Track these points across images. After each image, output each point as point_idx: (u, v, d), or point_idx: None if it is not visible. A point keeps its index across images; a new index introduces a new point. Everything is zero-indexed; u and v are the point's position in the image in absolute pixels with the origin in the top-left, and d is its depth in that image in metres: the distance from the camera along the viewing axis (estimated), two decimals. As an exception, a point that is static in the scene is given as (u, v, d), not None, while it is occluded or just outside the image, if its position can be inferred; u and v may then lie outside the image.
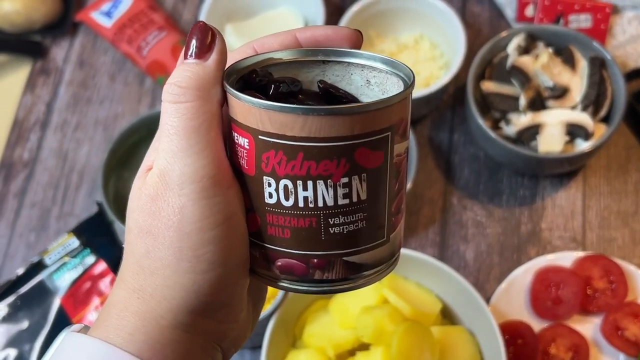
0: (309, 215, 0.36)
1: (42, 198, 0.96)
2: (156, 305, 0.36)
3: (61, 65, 1.05)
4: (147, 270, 0.35)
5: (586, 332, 0.82)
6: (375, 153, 0.35)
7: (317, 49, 0.38)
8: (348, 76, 0.39)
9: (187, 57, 0.36)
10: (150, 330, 0.36)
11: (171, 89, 0.35)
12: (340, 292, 0.38)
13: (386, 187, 0.36)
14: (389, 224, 0.37)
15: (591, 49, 0.89)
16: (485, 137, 0.86)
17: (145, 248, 0.35)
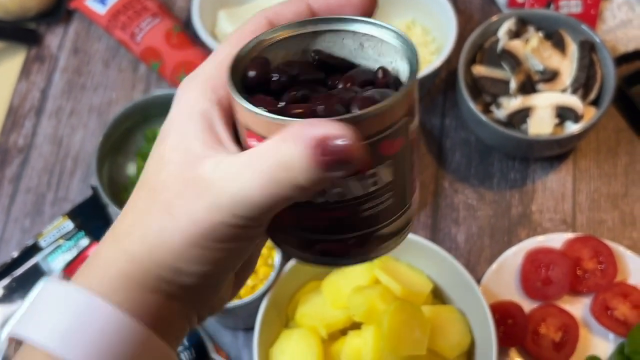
0: (342, 207, 0.36)
1: (36, 183, 0.96)
2: (144, 271, 0.35)
3: (56, 52, 1.05)
4: (156, 234, 0.35)
5: (576, 312, 0.83)
6: (396, 140, 0.35)
7: (306, 20, 0.39)
8: (340, 41, 0.39)
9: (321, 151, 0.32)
10: (133, 289, 0.35)
11: (314, 145, 0.32)
12: (375, 259, 0.40)
13: (407, 163, 0.37)
14: (410, 190, 0.39)
15: (581, 33, 0.89)
16: (477, 121, 0.87)
17: (159, 213, 0.35)
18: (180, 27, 0.99)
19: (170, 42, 0.97)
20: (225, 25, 0.96)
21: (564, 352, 0.81)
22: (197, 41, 0.98)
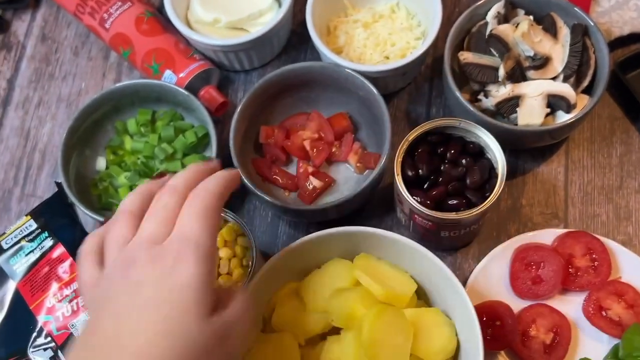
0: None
1: (2, 178, 0.92)
2: None
3: (22, 39, 1.00)
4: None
5: (568, 312, 0.79)
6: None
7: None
8: None
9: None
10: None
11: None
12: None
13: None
14: None
15: (573, 16, 0.84)
16: (463, 110, 0.82)
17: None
18: (151, 13, 0.94)
19: (141, 28, 0.91)
20: (198, 10, 0.91)
21: (555, 355, 0.77)
22: (169, 28, 0.93)
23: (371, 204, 0.87)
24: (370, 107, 0.85)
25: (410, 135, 0.77)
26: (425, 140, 0.78)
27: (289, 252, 0.74)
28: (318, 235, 0.74)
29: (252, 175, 0.84)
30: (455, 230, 0.77)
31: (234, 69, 0.95)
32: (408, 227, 0.81)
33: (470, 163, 0.77)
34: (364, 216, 0.86)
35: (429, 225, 0.76)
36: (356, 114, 0.89)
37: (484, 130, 0.76)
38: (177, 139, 0.86)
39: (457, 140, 0.78)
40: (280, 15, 0.88)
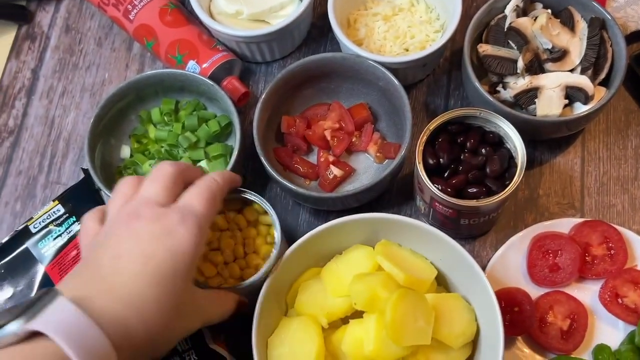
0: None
1: (28, 166, 0.93)
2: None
3: (47, 30, 1.02)
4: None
5: (584, 299, 0.81)
6: None
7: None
8: None
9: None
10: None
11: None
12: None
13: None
14: None
15: (591, 10, 0.86)
16: (482, 101, 0.83)
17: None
18: (175, 4, 0.95)
19: (165, 19, 0.93)
20: (221, 3, 0.93)
21: (572, 341, 0.78)
22: (192, 19, 0.94)
23: (390, 193, 0.88)
24: (391, 97, 0.86)
25: (431, 124, 0.78)
26: (445, 130, 0.80)
27: (311, 238, 0.76)
28: (340, 222, 0.76)
29: (273, 164, 0.86)
30: (474, 218, 0.79)
31: (255, 60, 0.97)
32: (427, 215, 0.83)
33: (490, 152, 0.78)
34: (383, 205, 0.88)
35: (450, 212, 0.77)
36: (376, 105, 0.90)
37: (504, 120, 0.77)
38: (200, 128, 0.87)
39: (477, 130, 0.79)
40: (301, 9, 0.90)
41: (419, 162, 0.77)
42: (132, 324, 0.54)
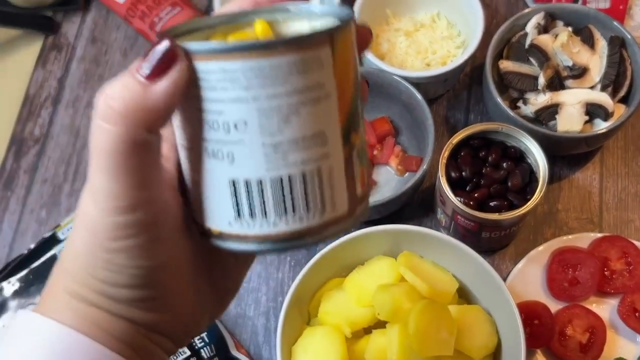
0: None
1: (53, 174, 0.95)
2: (74, 284, 0.36)
3: (73, 41, 1.04)
4: (69, 254, 0.36)
5: (603, 313, 0.82)
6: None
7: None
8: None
9: (137, 70, 0.33)
10: (69, 302, 0.36)
11: (104, 104, 0.32)
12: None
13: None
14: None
15: (611, 28, 0.87)
16: (503, 116, 0.85)
17: (72, 236, 0.36)
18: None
19: (191, 32, 0.95)
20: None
21: (590, 354, 0.79)
22: (218, 32, 0.96)
23: (411, 205, 0.90)
24: (412, 111, 0.88)
25: (454, 138, 0.80)
26: (467, 144, 0.81)
27: (334, 248, 0.77)
28: (363, 233, 0.77)
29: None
30: (495, 231, 0.80)
31: (278, 73, 0.98)
32: (448, 228, 0.84)
33: (512, 167, 0.79)
34: (404, 217, 0.89)
35: (471, 225, 0.79)
36: (397, 118, 0.92)
37: (525, 135, 0.78)
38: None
39: (498, 145, 0.81)
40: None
41: (442, 175, 0.78)
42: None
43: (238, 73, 0.33)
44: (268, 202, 0.35)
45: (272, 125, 0.34)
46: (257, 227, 0.36)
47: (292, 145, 0.34)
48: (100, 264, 0.35)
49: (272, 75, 0.33)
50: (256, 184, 0.35)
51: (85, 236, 0.35)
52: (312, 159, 0.35)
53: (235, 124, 0.34)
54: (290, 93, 0.33)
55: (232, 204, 0.35)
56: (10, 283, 0.79)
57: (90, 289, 0.36)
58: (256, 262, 0.87)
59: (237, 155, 0.34)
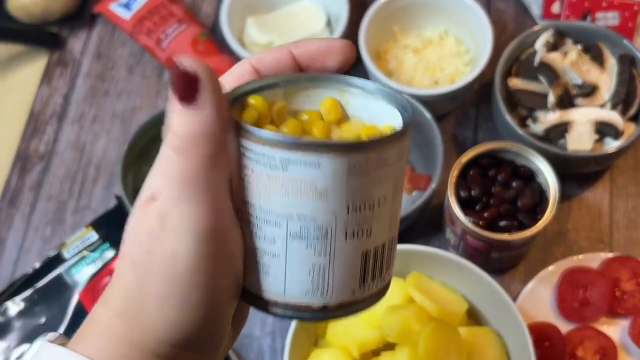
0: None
1: (58, 191, 0.94)
2: (141, 334, 0.35)
3: (78, 57, 1.03)
4: (135, 299, 0.35)
5: (614, 334, 0.81)
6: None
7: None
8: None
9: (179, 100, 0.34)
10: (133, 356, 0.35)
11: (170, 137, 0.34)
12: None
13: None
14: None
15: (620, 46, 0.87)
16: (512, 134, 0.84)
17: (135, 278, 0.34)
18: (207, 34, 0.97)
19: (197, 49, 0.94)
20: (253, 33, 0.94)
21: (602, 377, 0.78)
22: (224, 48, 0.96)
23: (418, 223, 0.89)
24: (421, 129, 0.87)
25: (462, 157, 0.79)
26: (476, 163, 0.80)
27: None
28: (372, 253, 0.76)
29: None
30: (505, 251, 0.79)
31: (285, 90, 0.98)
32: (457, 247, 0.83)
33: (521, 186, 0.79)
34: (412, 236, 0.88)
35: (481, 245, 0.78)
36: (405, 136, 0.91)
37: (536, 154, 0.78)
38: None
39: (508, 164, 0.80)
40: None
41: (452, 194, 0.77)
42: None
43: (391, 157, 0.35)
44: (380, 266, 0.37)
45: (400, 195, 0.37)
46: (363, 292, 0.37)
47: (396, 214, 0.37)
48: (173, 304, 0.34)
49: (399, 154, 0.36)
50: (379, 250, 0.37)
51: (153, 273, 0.34)
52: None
53: (377, 200, 0.35)
54: (399, 167, 0.36)
55: (359, 274, 0.36)
56: (14, 303, 0.79)
57: (153, 338, 0.35)
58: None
59: (375, 228, 0.36)
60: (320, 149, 0.33)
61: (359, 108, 0.38)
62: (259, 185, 0.35)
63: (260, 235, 0.35)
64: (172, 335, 0.35)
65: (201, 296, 0.34)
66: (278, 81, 0.37)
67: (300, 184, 0.34)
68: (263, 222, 0.35)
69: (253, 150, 0.34)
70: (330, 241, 0.35)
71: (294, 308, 0.36)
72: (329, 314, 0.37)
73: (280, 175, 0.34)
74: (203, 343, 0.36)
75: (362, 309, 0.38)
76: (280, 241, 0.35)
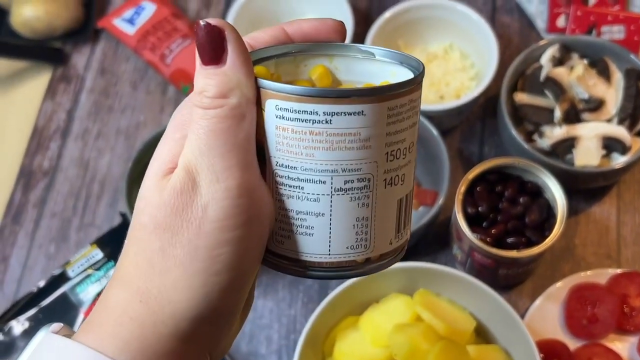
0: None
1: (62, 208, 0.94)
2: (159, 310, 0.34)
3: (82, 72, 1.03)
4: (157, 268, 0.34)
5: (623, 351, 0.80)
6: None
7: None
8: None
9: (204, 62, 0.35)
10: (147, 338, 0.34)
11: (199, 97, 0.35)
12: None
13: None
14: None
15: (627, 61, 0.87)
16: (519, 150, 0.84)
17: (160, 244, 0.34)
18: (211, 49, 0.96)
19: (202, 64, 0.94)
20: (258, 48, 0.94)
21: (611, 394, 0.77)
22: (229, 64, 0.95)
23: (425, 240, 0.88)
24: (427, 145, 0.86)
25: (469, 173, 0.78)
26: (483, 179, 0.80)
27: (348, 286, 0.76)
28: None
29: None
30: (513, 268, 0.78)
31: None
32: (464, 264, 0.83)
33: (529, 202, 0.78)
34: (419, 252, 0.88)
35: (489, 262, 0.77)
36: (411, 152, 0.90)
37: (543, 170, 0.77)
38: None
39: (515, 180, 0.79)
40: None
41: (459, 211, 0.77)
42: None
43: (417, 102, 0.37)
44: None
45: (415, 143, 0.38)
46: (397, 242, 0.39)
47: (415, 164, 0.39)
48: (198, 266, 0.34)
49: (415, 105, 0.37)
50: (409, 198, 0.38)
51: (181, 233, 0.34)
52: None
53: (408, 146, 0.36)
54: (418, 117, 0.38)
55: (395, 222, 0.38)
56: (19, 322, 0.78)
57: (170, 320, 0.35)
58: (268, 298, 0.85)
59: (406, 176, 0.37)
60: (364, 96, 0.34)
61: (349, 72, 0.39)
62: (300, 145, 0.35)
63: (302, 196, 0.36)
64: (193, 305, 0.34)
65: (228, 257, 0.34)
66: (270, 54, 0.38)
67: (345, 136, 0.34)
68: (306, 182, 0.35)
69: (291, 109, 0.34)
70: (372, 191, 0.36)
71: (338, 266, 0.37)
72: (371, 267, 0.38)
73: (325, 130, 0.34)
74: (221, 315, 0.36)
75: (394, 261, 0.39)
76: (324, 199, 0.35)
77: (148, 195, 0.36)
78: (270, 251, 0.38)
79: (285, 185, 0.36)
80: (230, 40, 0.35)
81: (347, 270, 0.37)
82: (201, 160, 0.34)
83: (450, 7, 0.93)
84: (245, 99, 0.35)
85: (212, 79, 0.35)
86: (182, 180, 0.34)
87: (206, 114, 0.34)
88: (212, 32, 0.34)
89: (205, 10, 1.06)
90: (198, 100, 0.35)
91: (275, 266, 0.38)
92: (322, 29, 0.39)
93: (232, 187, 0.34)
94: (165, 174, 0.36)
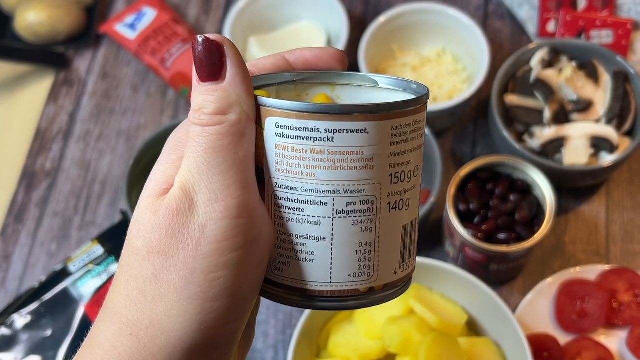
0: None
1: (64, 207, 0.96)
2: (150, 342, 0.33)
3: (84, 76, 1.05)
4: (149, 296, 0.33)
5: (612, 345, 0.82)
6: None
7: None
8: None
9: (202, 79, 0.34)
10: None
11: (197, 115, 0.34)
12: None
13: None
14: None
15: (614, 63, 0.89)
16: (510, 149, 0.86)
17: (153, 270, 0.33)
18: (210, 53, 0.99)
19: (201, 67, 0.96)
20: (256, 52, 0.96)
21: (600, 387, 0.79)
22: (228, 67, 0.97)
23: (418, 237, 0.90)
24: (420, 145, 0.88)
25: (461, 170, 0.81)
26: (474, 177, 0.82)
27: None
28: (372, 266, 0.78)
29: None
30: (504, 263, 0.80)
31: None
32: (456, 260, 0.85)
33: (519, 199, 0.80)
34: (412, 250, 0.89)
35: (480, 258, 0.79)
36: (405, 152, 0.93)
37: (532, 167, 0.79)
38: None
39: (505, 178, 0.82)
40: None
41: (451, 207, 0.79)
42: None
43: (422, 124, 0.36)
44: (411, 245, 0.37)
45: (421, 168, 0.37)
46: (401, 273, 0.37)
47: (420, 190, 0.37)
48: (193, 291, 0.32)
49: (424, 122, 0.36)
50: (413, 225, 0.37)
51: (176, 256, 0.33)
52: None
53: (413, 170, 0.35)
54: (423, 140, 0.37)
55: (400, 250, 0.36)
56: (21, 315, 0.80)
57: (162, 345, 0.33)
58: (265, 294, 0.87)
59: (411, 201, 0.36)
60: (367, 113, 0.33)
61: (352, 101, 0.39)
62: (301, 164, 0.34)
63: (303, 219, 0.34)
64: (187, 334, 0.33)
65: (226, 281, 0.33)
66: (272, 81, 0.38)
67: (347, 154, 0.33)
68: (307, 204, 0.34)
69: (292, 126, 0.33)
70: (375, 215, 0.34)
71: (340, 295, 0.35)
72: (375, 298, 0.36)
73: (326, 148, 0.33)
74: (217, 347, 0.34)
75: (400, 292, 0.37)
76: (325, 222, 0.34)
77: (142, 217, 0.34)
78: (268, 280, 0.36)
79: (285, 208, 0.34)
80: (229, 56, 0.34)
81: (350, 300, 0.35)
82: (199, 178, 0.33)
83: (443, 12, 0.96)
84: (246, 116, 0.33)
85: (211, 95, 0.33)
86: (178, 200, 0.33)
87: (204, 132, 0.33)
88: (211, 47, 0.33)
89: (204, 16, 1.08)
90: (196, 117, 0.33)
91: (274, 297, 0.36)
92: (324, 57, 0.38)
93: (232, 206, 0.33)
94: (160, 194, 0.34)
